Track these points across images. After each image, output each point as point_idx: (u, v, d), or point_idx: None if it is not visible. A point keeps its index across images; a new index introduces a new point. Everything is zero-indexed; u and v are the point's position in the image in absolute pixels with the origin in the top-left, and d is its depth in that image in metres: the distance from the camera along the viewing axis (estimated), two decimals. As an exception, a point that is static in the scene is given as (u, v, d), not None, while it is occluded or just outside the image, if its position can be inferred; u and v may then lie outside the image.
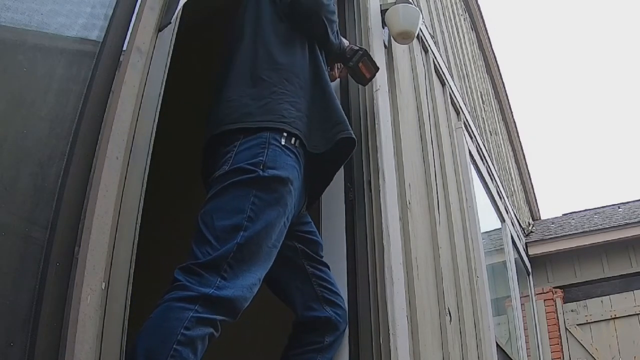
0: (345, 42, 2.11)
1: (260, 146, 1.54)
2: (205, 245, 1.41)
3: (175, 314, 1.28)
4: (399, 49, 2.86)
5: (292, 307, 1.80)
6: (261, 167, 1.50)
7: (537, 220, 9.19)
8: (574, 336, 7.01)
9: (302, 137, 1.64)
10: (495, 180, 5.32)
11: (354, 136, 1.79)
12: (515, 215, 6.70)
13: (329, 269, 1.86)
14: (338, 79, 2.29)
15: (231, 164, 1.52)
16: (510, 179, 7.23)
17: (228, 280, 1.36)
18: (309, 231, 1.84)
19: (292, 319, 1.82)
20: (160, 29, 1.37)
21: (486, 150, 5.24)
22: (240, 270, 1.40)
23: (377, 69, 2.17)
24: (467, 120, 4.45)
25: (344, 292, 2.01)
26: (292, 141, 1.60)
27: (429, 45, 3.65)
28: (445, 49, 4.56)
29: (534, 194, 9.11)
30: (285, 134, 1.59)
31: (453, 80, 4.31)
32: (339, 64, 2.20)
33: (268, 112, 1.60)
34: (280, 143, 1.57)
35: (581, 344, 6.94)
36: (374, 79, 2.34)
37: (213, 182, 1.54)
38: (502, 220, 5.52)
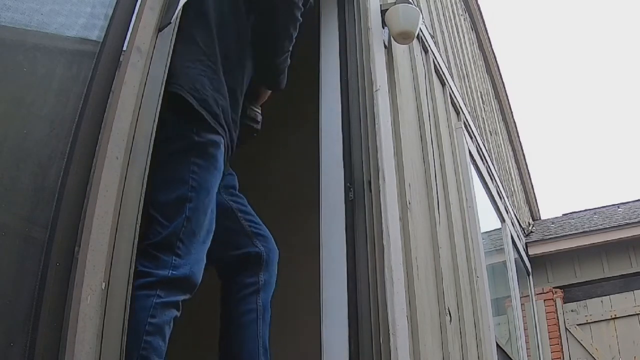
0: (258, 114, 1.96)
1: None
2: (154, 223, 1.41)
3: (139, 303, 1.29)
4: (399, 49, 2.86)
5: (219, 253, 1.72)
6: (194, 132, 1.50)
7: (537, 220, 9.19)
8: (574, 336, 7.01)
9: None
10: (495, 180, 5.32)
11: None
12: (515, 215, 6.70)
13: (245, 199, 1.83)
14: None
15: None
16: (510, 179, 7.23)
17: (183, 257, 1.38)
18: None
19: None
20: (160, 29, 1.37)
21: (486, 150, 5.24)
22: (191, 243, 1.42)
23: (245, 144, 1.90)
24: (467, 120, 4.45)
25: (344, 292, 2.01)
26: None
27: (429, 45, 3.65)
28: (445, 49, 4.56)
29: (534, 194, 9.11)
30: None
31: (453, 80, 4.31)
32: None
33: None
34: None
35: (581, 344, 6.94)
36: (374, 79, 2.34)
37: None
38: (502, 220, 5.52)
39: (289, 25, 1.80)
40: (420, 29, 2.91)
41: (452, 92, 4.09)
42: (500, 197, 5.42)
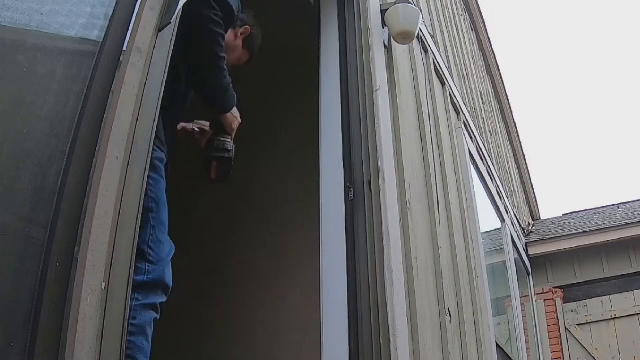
0: (230, 143, 1.95)
1: None
2: None
3: None
4: (399, 49, 2.86)
5: None
6: None
7: (537, 220, 9.19)
8: (574, 336, 7.00)
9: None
10: (495, 180, 5.32)
11: None
12: (515, 215, 6.70)
13: None
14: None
15: None
16: (510, 179, 7.23)
17: (155, 263, 1.53)
18: None
19: None
20: (160, 29, 1.37)
21: (486, 150, 5.24)
22: (159, 248, 1.56)
23: (227, 179, 1.94)
24: (467, 120, 4.45)
25: (344, 292, 2.01)
26: None
27: (429, 45, 3.65)
28: (445, 49, 4.56)
29: (534, 194, 9.11)
30: None
31: (453, 80, 4.31)
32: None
33: None
34: None
35: (581, 344, 6.94)
36: (374, 79, 2.34)
37: None
38: (502, 220, 5.52)
39: (207, 40, 1.75)
40: (420, 29, 2.91)
41: (452, 92, 4.09)
42: (500, 197, 5.42)
